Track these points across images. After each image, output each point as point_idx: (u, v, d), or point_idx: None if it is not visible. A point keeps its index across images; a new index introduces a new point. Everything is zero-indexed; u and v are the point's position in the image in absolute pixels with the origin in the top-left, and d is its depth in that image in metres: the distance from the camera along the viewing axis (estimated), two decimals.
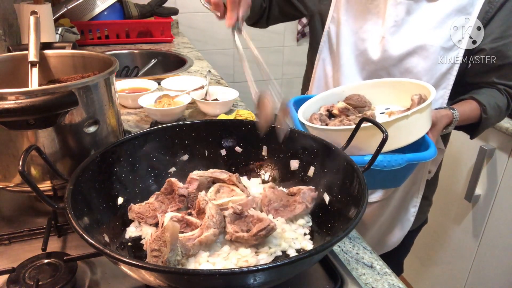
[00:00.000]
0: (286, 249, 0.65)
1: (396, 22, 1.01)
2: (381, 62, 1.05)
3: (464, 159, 1.71)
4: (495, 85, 1.04)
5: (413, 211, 1.20)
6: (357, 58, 1.09)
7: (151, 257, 0.56)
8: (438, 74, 1.01)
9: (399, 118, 0.79)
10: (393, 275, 0.70)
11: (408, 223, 1.22)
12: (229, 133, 0.83)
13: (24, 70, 0.81)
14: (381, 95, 1.00)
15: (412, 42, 1.01)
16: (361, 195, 0.59)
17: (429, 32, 0.99)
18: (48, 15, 1.53)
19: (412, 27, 1.01)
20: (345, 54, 1.10)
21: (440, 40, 0.98)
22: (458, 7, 0.97)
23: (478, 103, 1.01)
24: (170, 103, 1.24)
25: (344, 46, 1.10)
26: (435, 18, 0.99)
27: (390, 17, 1.01)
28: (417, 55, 1.01)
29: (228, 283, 0.49)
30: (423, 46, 1.00)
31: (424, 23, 1.00)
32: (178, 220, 0.65)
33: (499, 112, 1.04)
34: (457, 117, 0.98)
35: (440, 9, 0.98)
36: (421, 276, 2.08)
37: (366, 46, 1.06)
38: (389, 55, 1.03)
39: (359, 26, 1.07)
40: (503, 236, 1.62)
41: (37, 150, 0.60)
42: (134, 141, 0.75)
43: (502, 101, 1.04)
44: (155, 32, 2.18)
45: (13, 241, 0.72)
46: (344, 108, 0.95)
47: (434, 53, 0.99)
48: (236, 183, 0.76)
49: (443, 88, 1.03)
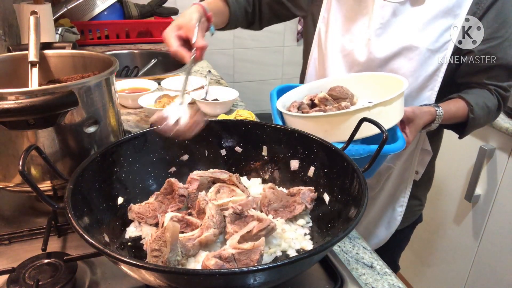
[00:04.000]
0: (286, 249, 0.65)
1: (382, 24, 1.01)
2: (367, 63, 1.05)
3: (464, 159, 1.71)
4: (486, 86, 1.03)
5: (399, 210, 1.20)
6: (344, 58, 1.09)
7: (151, 257, 0.56)
8: (424, 75, 1.00)
9: (361, 109, 0.81)
10: (393, 275, 0.70)
11: (395, 222, 1.22)
12: (229, 133, 0.83)
13: (24, 70, 0.81)
14: (367, 89, 1.01)
15: (397, 43, 1.00)
16: (361, 195, 0.59)
17: (415, 33, 0.99)
18: (48, 15, 1.53)
19: (398, 29, 1.01)
20: (332, 54, 1.11)
21: (426, 42, 0.98)
22: (445, 9, 0.97)
23: (466, 103, 1.01)
24: (170, 103, 1.24)
25: (331, 46, 1.11)
26: (421, 20, 0.98)
27: (376, 19, 1.01)
28: (402, 56, 1.01)
29: (228, 283, 0.49)
30: (408, 48, 1.00)
31: (410, 25, 0.99)
32: (178, 220, 0.65)
33: (487, 113, 1.03)
34: (441, 114, 0.98)
35: (427, 11, 0.98)
36: (421, 276, 2.08)
37: (353, 47, 1.07)
38: (374, 57, 1.03)
39: (347, 27, 1.08)
40: (503, 236, 1.62)
41: (37, 150, 0.60)
42: (134, 141, 0.75)
43: (492, 102, 1.03)
44: (155, 32, 2.18)
45: (13, 241, 0.72)
46: (323, 98, 0.98)
47: (419, 55, 0.99)
48: (236, 183, 0.76)
49: (430, 90, 1.02)
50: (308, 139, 0.76)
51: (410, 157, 1.12)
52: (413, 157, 1.12)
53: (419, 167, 1.15)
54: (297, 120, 0.90)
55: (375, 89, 0.99)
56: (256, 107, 2.91)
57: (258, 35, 2.79)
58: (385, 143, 0.66)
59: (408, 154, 1.12)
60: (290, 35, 2.82)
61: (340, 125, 0.81)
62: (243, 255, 0.56)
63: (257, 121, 0.86)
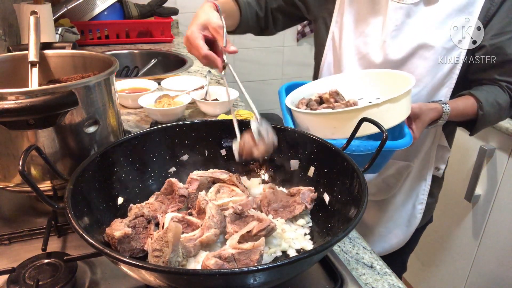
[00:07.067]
0: (286, 249, 0.65)
1: (396, 26, 1.01)
2: (383, 65, 1.05)
3: (464, 159, 1.71)
4: (497, 82, 1.02)
5: (420, 208, 1.20)
6: (359, 61, 1.10)
7: (153, 257, 0.56)
8: (440, 74, 1.01)
9: (369, 106, 0.81)
10: (393, 275, 0.70)
11: (415, 221, 1.22)
12: (229, 133, 0.83)
13: (24, 70, 0.81)
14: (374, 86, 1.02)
15: (412, 44, 1.01)
16: (361, 195, 0.59)
17: (430, 33, 0.99)
18: (48, 15, 1.53)
19: (413, 29, 1.01)
20: (348, 58, 1.11)
21: (441, 40, 0.98)
22: (459, 6, 0.97)
23: (475, 99, 1.00)
24: (170, 103, 1.24)
25: (346, 49, 1.11)
26: (435, 19, 0.98)
27: (390, 21, 1.01)
28: (418, 56, 1.01)
29: (228, 283, 0.49)
30: (423, 47, 1.00)
31: (424, 24, 1.00)
32: (179, 220, 0.65)
33: (498, 110, 1.02)
34: (448, 111, 0.98)
35: (440, 10, 0.98)
36: (421, 276, 2.08)
37: (368, 50, 1.07)
38: (390, 58, 1.03)
39: (361, 30, 1.08)
40: (503, 236, 1.62)
41: (37, 150, 0.60)
42: (134, 141, 0.75)
43: (503, 99, 1.02)
44: (155, 32, 2.18)
45: (13, 241, 0.72)
46: (334, 92, 0.98)
47: (435, 54, 0.99)
48: (236, 183, 0.76)
49: (447, 87, 1.03)
50: (308, 139, 0.76)
51: (427, 154, 1.13)
52: (430, 154, 1.13)
53: (440, 163, 1.15)
54: (306, 116, 0.91)
55: (383, 86, 1.00)
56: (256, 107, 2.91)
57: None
58: (385, 143, 0.66)
59: (425, 152, 1.12)
60: (290, 35, 2.82)
61: (349, 121, 0.81)
62: (243, 255, 0.56)
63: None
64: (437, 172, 1.17)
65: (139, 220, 0.64)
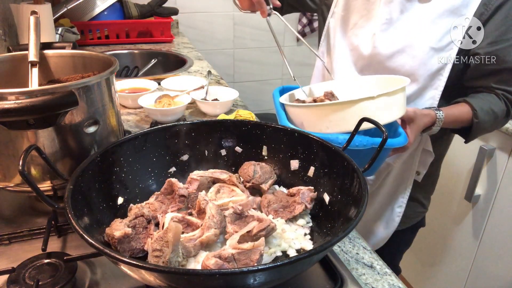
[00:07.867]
0: (286, 249, 0.65)
1: (387, 20, 1.02)
2: (371, 58, 1.06)
3: (464, 159, 1.71)
4: (494, 90, 1.01)
5: (398, 211, 1.20)
6: (351, 52, 1.11)
7: (153, 257, 0.56)
8: (427, 74, 1.00)
9: (365, 98, 0.81)
10: (393, 275, 0.70)
11: (393, 223, 1.21)
12: (229, 133, 0.83)
13: (24, 70, 0.81)
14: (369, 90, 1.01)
15: (401, 40, 1.01)
16: (361, 195, 0.59)
17: (419, 31, 0.99)
18: (48, 15, 1.53)
19: (403, 26, 1.01)
20: (339, 48, 1.13)
21: (430, 40, 0.98)
22: (451, 8, 0.96)
23: (470, 107, 1.00)
24: (170, 103, 1.24)
25: (339, 40, 1.13)
26: (427, 18, 0.98)
27: (382, 14, 1.02)
28: (405, 53, 1.01)
29: (228, 283, 0.49)
30: (411, 45, 1.00)
31: (415, 22, 1.00)
32: (179, 221, 0.65)
33: (493, 118, 1.01)
34: (442, 117, 0.97)
35: (433, 9, 0.98)
36: (421, 276, 2.08)
37: (358, 41, 1.08)
38: (378, 51, 1.04)
39: (355, 21, 1.09)
40: (503, 236, 1.62)
41: (37, 150, 0.60)
42: (134, 141, 0.75)
43: (498, 107, 1.01)
44: (155, 32, 2.18)
45: (13, 241, 0.72)
46: (329, 93, 0.99)
47: (422, 53, 0.99)
48: (236, 183, 0.76)
49: (434, 89, 1.02)
50: (308, 139, 0.76)
51: (410, 157, 1.12)
52: (414, 158, 1.12)
53: (421, 167, 1.15)
54: (301, 110, 0.90)
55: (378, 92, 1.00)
56: (256, 107, 2.91)
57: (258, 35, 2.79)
58: (385, 143, 0.65)
59: (409, 154, 1.12)
60: (290, 35, 2.82)
61: (345, 114, 0.81)
62: (243, 255, 0.56)
63: (257, 121, 0.86)
64: (417, 176, 1.16)
65: (139, 220, 0.64)
